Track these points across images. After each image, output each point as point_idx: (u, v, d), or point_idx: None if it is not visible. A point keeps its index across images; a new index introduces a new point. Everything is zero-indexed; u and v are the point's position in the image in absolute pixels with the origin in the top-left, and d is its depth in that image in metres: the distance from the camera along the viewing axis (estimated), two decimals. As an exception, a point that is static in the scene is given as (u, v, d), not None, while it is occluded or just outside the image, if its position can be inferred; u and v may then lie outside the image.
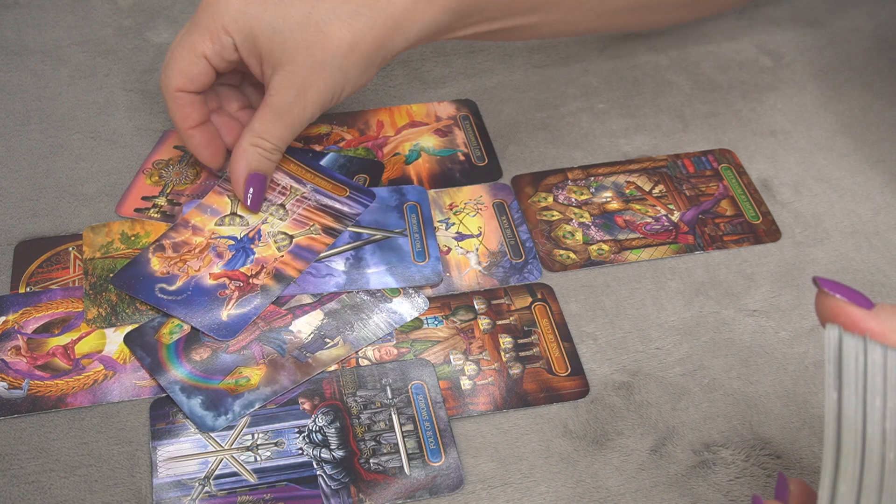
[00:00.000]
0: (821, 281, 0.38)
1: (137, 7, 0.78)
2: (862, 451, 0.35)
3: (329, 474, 0.50)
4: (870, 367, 0.36)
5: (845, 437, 0.36)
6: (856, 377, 0.36)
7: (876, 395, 0.36)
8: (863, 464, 0.35)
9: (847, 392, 0.36)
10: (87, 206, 0.63)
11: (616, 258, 0.60)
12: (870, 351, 0.36)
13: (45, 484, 0.50)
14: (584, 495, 0.50)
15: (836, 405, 0.36)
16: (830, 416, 0.36)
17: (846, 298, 0.38)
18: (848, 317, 0.37)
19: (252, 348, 0.55)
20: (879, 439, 0.35)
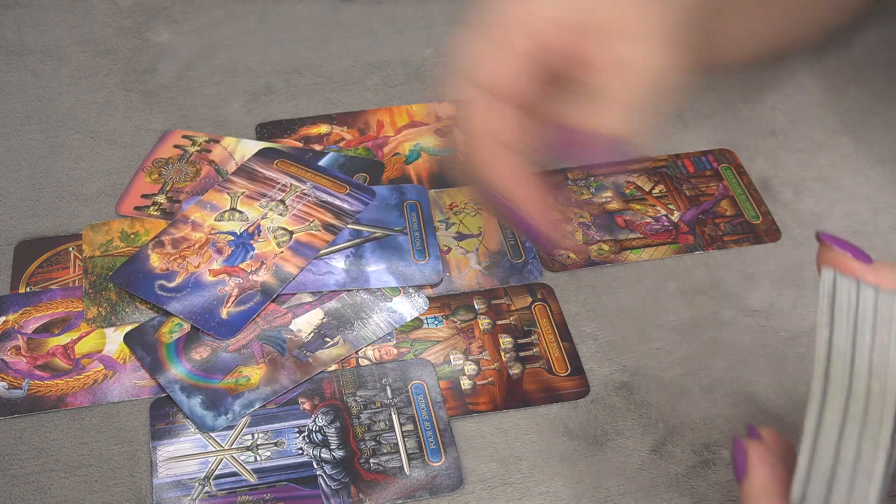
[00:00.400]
0: (824, 236, 0.40)
1: (137, 7, 0.78)
2: (849, 381, 0.37)
3: (329, 474, 0.50)
4: (861, 304, 0.38)
5: (834, 369, 0.37)
6: (847, 314, 0.38)
7: (865, 331, 0.38)
8: (849, 394, 0.37)
9: (838, 328, 0.38)
10: (87, 206, 0.63)
11: (616, 258, 0.60)
12: (862, 290, 0.38)
13: (45, 484, 0.50)
14: (584, 495, 0.50)
15: (826, 341, 0.38)
16: (821, 350, 0.37)
17: (848, 252, 0.39)
18: (847, 268, 0.39)
19: (252, 347, 0.55)
20: (866, 371, 0.37)
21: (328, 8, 0.78)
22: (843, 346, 0.37)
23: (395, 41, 0.75)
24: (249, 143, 0.66)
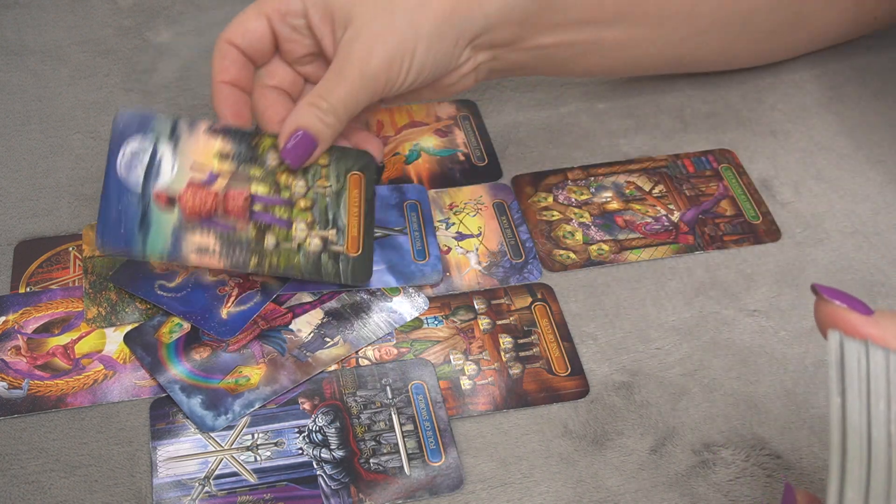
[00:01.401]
0: (820, 288, 0.38)
1: (137, 7, 0.78)
2: (868, 455, 0.35)
3: (329, 474, 0.50)
4: (872, 370, 0.36)
5: (850, 442, 0.35)
6: (858, 381, 0.36)
7: (879, 399, 0.36)
8: (869, 468, 0.35)
9: (850, 396, 0.36)
10: (87, 206, 0.63)
11: (616, 258, 0.60)
12: (871, 355, 0.36)
13: (45, 484, 0.50)
14: (584, 495, 0.50)
15: (839, 410, 0.36)
16: (835, 421, 0.36)
17: (845, 305, 0.38)
18: (847, 323, 0.37)
19: (252, 347, 0.55)
20: (885, 443, 0.35)
21: (328, 8, 0.78)
22: (857, 417, 0.36)
23: (395, 41, 0.75)
24: (249, 143, 0.66)
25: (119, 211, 0.54)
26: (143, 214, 0.54)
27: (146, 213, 0.54)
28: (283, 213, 0.56)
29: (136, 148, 0.54)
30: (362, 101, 0.55)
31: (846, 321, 0.38)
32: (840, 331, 0.37)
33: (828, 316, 0.38)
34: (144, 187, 0.55)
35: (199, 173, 0.55)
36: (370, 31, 0.54)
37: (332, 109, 0.55)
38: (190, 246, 0.54)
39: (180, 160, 0.55)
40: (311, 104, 0.55)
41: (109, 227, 0.54)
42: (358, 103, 0.55)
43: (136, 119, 0.56)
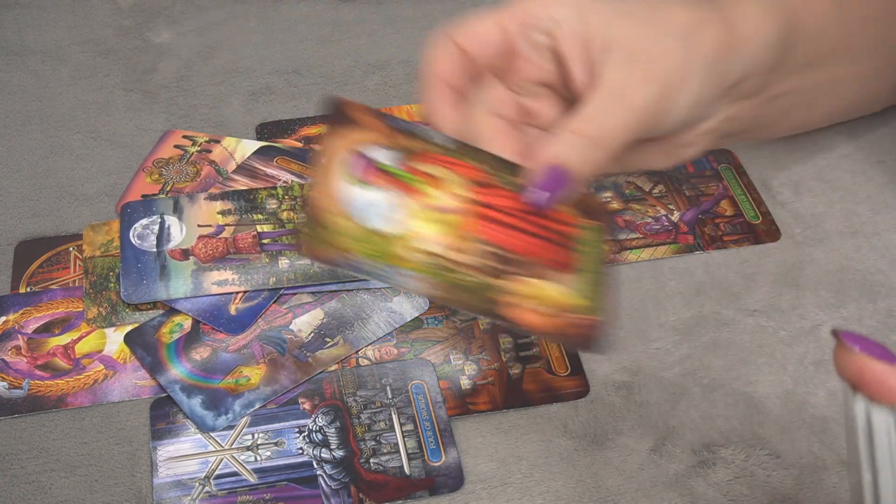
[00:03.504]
0: (843, 335, 0.36)
1: (137, 7, 0.78)
2: None
3: (329, 474, 0.50)
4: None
5: None
6: (890, 458, 0.35)
7: None
8: None
9: (883, 475, 0.35)
10: (87, 206, 0.63)
11: (616, 258, 0.60)
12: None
13: (45, 484, 0.50)
14: (584, 495, 0.50)
15: (871, 487, 0.35)
16: (868, 497, 0.35)
17: (869, 353, 0.36)
18: (872, 374, 0.35)
19: (252, 347, 0.55)
20: None
21: (328, 8, 0.78)
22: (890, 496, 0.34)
23: (395, 41, 0.75)
24: (250, 143, 0.66)
25: (139, 268, 0.57)
26: (161, 268, 0.57)
27: (164, 266, 0.57)
28: (292, 240, 0.58)
29: (145, 223, 0.58)
30: (633, 134, 0.46)
31: (871, 373, 0.35)
32: (866, 388, 0.35)
33: (851, 367, 0.36)
34: (159, 249, 0.58)
35: (207, 229, 0.59)
36: (646, 54, 0.47)
37: (599, 140, 0.45)
38: (210, 280, 0.57)
39: (187, 225, 0.59)
40: (573, 130, 0.45)
41: (132, 282, 0.57)
42: (629, 136, 0.46)
43: (140, 205, 0.60)
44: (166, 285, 0.56)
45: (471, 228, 0.45)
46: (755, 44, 0.51)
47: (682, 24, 0.48)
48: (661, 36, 0.47)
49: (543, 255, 0.46)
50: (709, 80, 0.49)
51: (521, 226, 0.46)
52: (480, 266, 0.45)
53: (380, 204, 0.44)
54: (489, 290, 0.45)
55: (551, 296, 0.45)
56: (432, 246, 0.45)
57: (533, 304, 0.45)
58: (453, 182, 0.46)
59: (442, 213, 0.45)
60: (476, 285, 0.45)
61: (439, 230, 0.45)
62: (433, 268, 0.44)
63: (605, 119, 0.46)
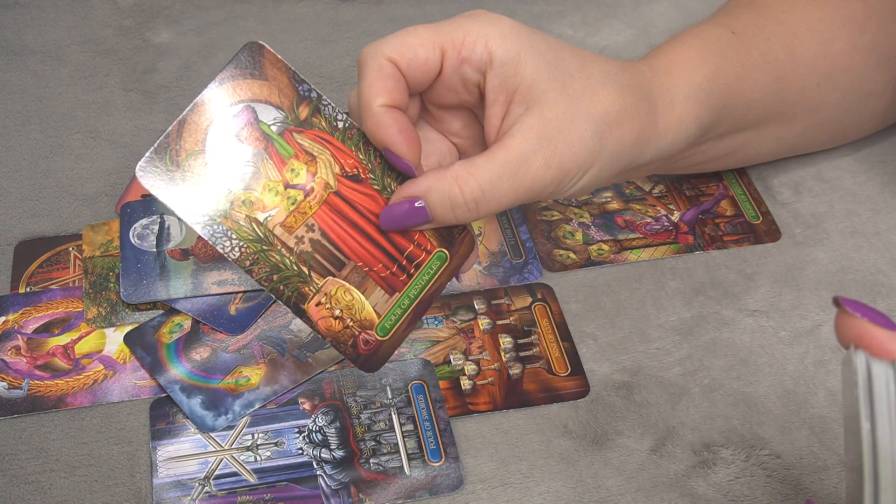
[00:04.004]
0: (843, 301, 0.37)
1: (137, 7, 0.78)
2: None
3: (329, 474, 0.50)
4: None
5: (882, 470, 0.35)
6: (888, 406, 0.35)
7: None
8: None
9: (881, 422, 0.35)
10: (87, 206, 0.63)
11: (616, 258, 0.60)
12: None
13: (45, 484, 0.50)
14: (584, 495, 0.50)
15: (870, 436, 0.35)
16: (866, 448, 0.35)
17: (869, 319, 0.37)
18: (872, 338, 0.36)
19: (252, 347, 0.55)
20: None
21: (328, 8, 0.78)
22: (887, 443, 0.35)
23: (395, 41, 0.75)
24: (249, 143, 0.66)
25: (139, 268, 0.57)
26: (161, 267, 0.57)
27: (164, 266, 0.57)
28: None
29: (145, 223, 0.58)
30: (513, 204, 0.47)
31: (871, 337, 0.36)
32: (865, 350, 0.36)
33: (851, 331, 0.37)
34: (158, 249, 0.58)
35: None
36: (558, 134, 0.47)
37: (477, 200, 0.46)
38: (210, 280, 0.56)
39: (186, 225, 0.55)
40: (458, 179, 0.46)
41: (132, 282, 0.57)
42: (507, 205, 0.47)
43: (140, 205, 0.60)
44: (166, 285, 0.56)
45: (314, 214, 0.45)
46: (672, 136, 0.52)
47: (604, 112, 0.48)
48: (580, 121, 0.47)
49: (375, 269, 0.46)
50: (609, 169, 0.49)
51: (366, 229, 0.47)
52: (306, 257, 0.45)
53: (242, 161, 0.45)
54: (302, 282, 0.45)
55: (364, 311, 0.46)
56: (263, 216, 0.45)
57: (343, 313, 0.45)
58: (323, 163, 0.46)
59: (293, 189, 0.45)
60: (291, 272, 0.45)
61: (280, 203, 0.45)
62: (253, 238, 0.44)
63: (493, 184, 0.46)
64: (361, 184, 0.47)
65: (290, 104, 0.46)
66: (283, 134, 0.46)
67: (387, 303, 0.47)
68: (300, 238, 0.45)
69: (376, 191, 0.47)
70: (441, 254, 0.48)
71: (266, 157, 0.45)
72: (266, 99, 0.46)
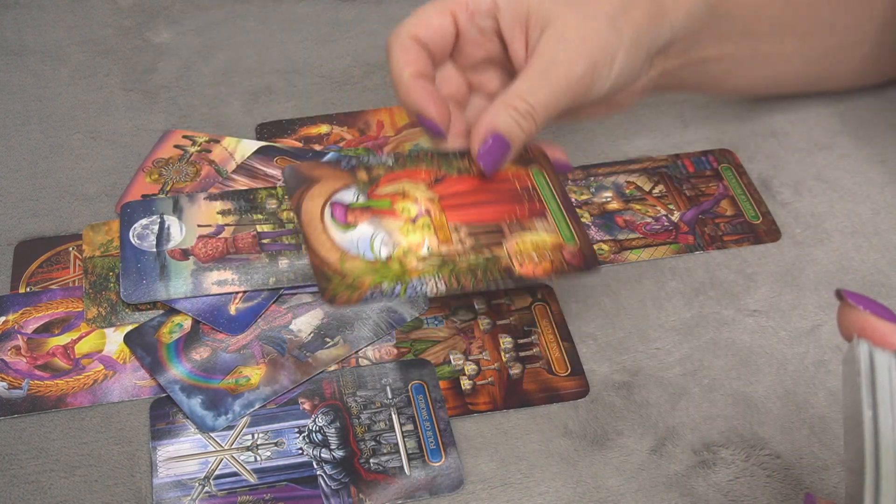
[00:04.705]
0: (846, 293, 0.37)
1: (137, 7, 0.78)
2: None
3: (329, 474, 0.50)
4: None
5: (884, 458, 0.35)
6: (890, 395, 0.35)
7: None
8: None
9: (882, 410, 0.35)
10: (87, 206, 0.63)
11: (616, 258, 0.60)
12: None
13: (45, 484, 0.50)
14: (584, 495, 0.50)
15: (871, 424, 0.35)
16: (868, 436, 0.35)
17: (872, 311, 0.37)
18: (875, 331, 0.36)
19: (252, 348, 0.55)
20: None
21: (328, 8, 0.78)
22: (889, 432, 0.35)
23: (395, 41, 0.75)
24: (250, 143, 0.66)
25: (139, 268, 0.57)
26: (161, 267, 0.57)
27: (164, 266, 0.57)
28: (291, 240, 0.58)
29: (145, 222, 0.58)
30: (562, 105, 0.52)
31: (874, 330, 0.36)
32: (868, 340, 0.36)
33: (854, 322, 0.37)
34: (158, 249, 0.58)
35: (207, 228, 0.59)
36: (576, 34, 0.52)
37: (531, 112, 0.52)
38: (210, 280, 0.56)
39: (187, 225, 0.59)
40: (508, 104, 0.52)
41: (132, 282, 0.56)
42: (557, 108, 0.52)
43: (140, 205, 0.60)
44: (166, 285, 0.56)
45: (448, 220, 0.53)
46: (679, 12, 0.56)
47: (610, 5, 0.53)
48: (592, 18, 0.53)
49: (518, 215, 0.53)
50: (635, 54, 0.54)
51: (484, 199, 0.54)
52: (473, 246, 0.52)
53: (369, 235, 0.52)
54: (494, 262, 0.51)
55: (544, 240, 0.52)
56: (424, 250, 0.51)
57: (535, 254, 0.51)
58: (413, 189, 0.54)
59: (418, 219, 0.53)
60: (480, 263, 0.51)
61: (423, 234, 0.52)
62: (436, 267, 0.51)
63: (536, 93, 0.52)
64: (445, 181, 0.54)
65: (350, 178, 0.55)
66: (369, 197, 0.54)
67: (549, 225, 0.53)
68: (458, 241, 0.52)
69: (458, 175, 0.54)
70: (534, 170, 0.55)
71: (377, 219, 0.53)
72: (334, 189, 0.54)
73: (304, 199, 0.53)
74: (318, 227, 0.52)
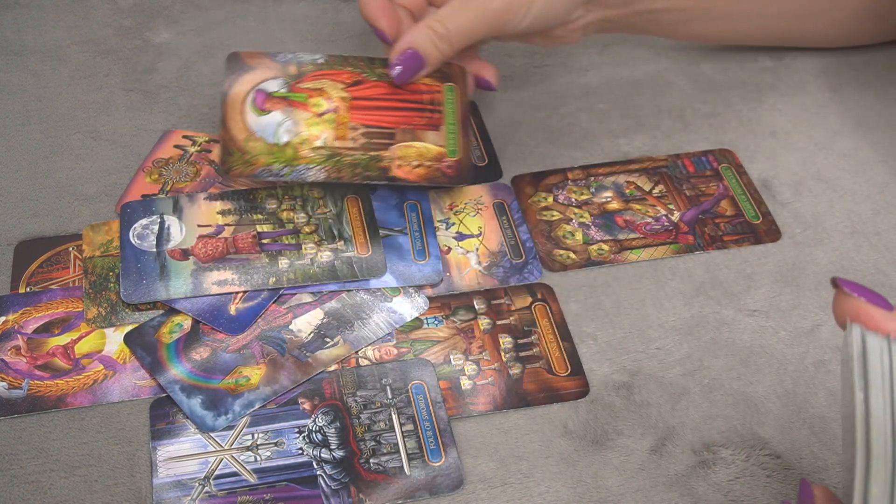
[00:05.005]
0: (841, 281, 0.38)
1: (137, 7, 0.78)
2: (893, 451, 0.35)
3: (329, 474, 0.50)
4: (894, 365, 0.36)
5: (874, 438, 0.35)
6: (882, 376, 0.36)
7: None
8: (894, 464, 0.35)
9: (874, 392, 0.36)
10: (87, 206, 0.63)
11: (616, 258, 0.60)
12: (894, 350, 0.36)
13: (45, 484, 0.50)
14: (584, 495, 0.50)
15: (863, 405, 0.36)
16: (859, 417, 0.35)
17: (867, 299, 0.38)
18: (869, 317, 0.37)
19: (252, 348, 0.55)
20: None
21: (328, 8, 0.78)
22: (881, 413, 0.35)
23: (395, 41, 0.75)
24: (249, 143, 0.66)
25: (139, 268, 0.57)
26: (161, 267, 0.57)
27: (164, 266, 0.57)
28: (291, 240, 0.58)
29: (145, 223, 0.58)
30: (478, 34, 0.59)
31: (868, 316, 0.37)
32: (861, 325, 0.37)
33: (848, 309, 0.38)
34: (158, 249, 0.58)
35: (207, 228, 0.59)
36: None
37: (447, 36, 0.58)
38: (210, 280, 0.56)
39: (187, 224, 0.59)
40: (428, 26, 0.58)
41: (132, 282, 0.56)
42: (473, 36, 0.58)
43: (140, 205, 0.60)
44: (166, 285, 0.56)
45: (350, 119, 0.59)
46: None
47: None
48: None
49: (416, 122, 0.60)
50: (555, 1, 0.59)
51: (392, 105, 0.60)
52: (365, 145, 0.59)
53: (277, 122, 0.59)
54: (378, 161, 0.58)
55: (430, 150, 0.59)
56: (320, 142, 0.59)
57: (417, 161, 0.58)
58: (331, 88, 0.61)
59: (325, 114, 0.59)
60: (365, 160, 0.58)
61: (325, 128, 0.59)
62: (326, 158, 0.58)
63: (455, 20, 0.58)
64: (363, 84, 0.61)
65: (282, 70, 0.62)
66: (290, 89, 0.61)
67: (440, 136, 0.59)
68: (353, 138, 0.59)
69: (376, 81, 0.62)
70: (448, 86, 0.62)
71: (291, 109, 0.60)
72: (263, 79, 0.61)
73: (235, 83, 0.60)
74: (237, 108, 0.59)
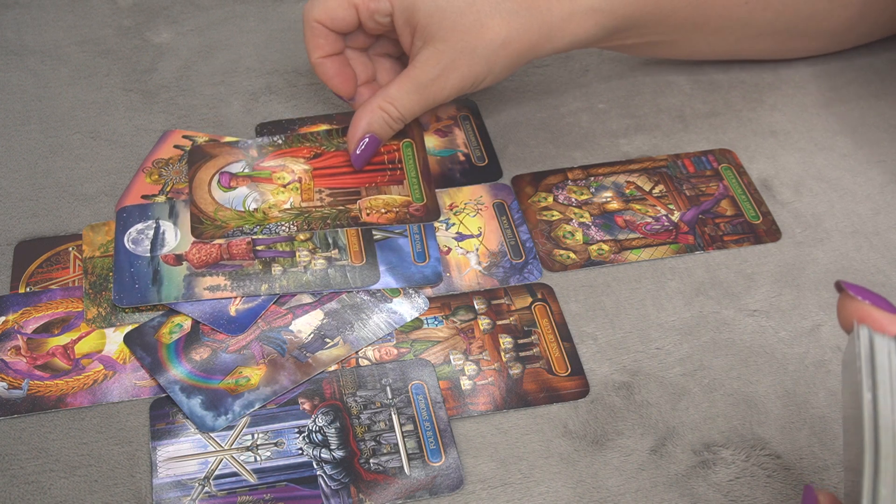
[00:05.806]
0: (846, 285, 0.38)
1: (137, 7, 0.78)
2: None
3: (329, 474, 0.50)
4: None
5: (883, 439, 0.35)
6: (890, 377, 0.36)
7: None
8: None
9: (882, 392, 0.36)
10: (87, 206, 0.63)
11: (616, 258, 0.60)
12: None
13: (45, 484, 0.50)
14: (584, 495, 0.50)
15: (871, 405, 0.36)
16: (867, 417, 0.36)
17: (871, 302, 0.38)
18: (874, 320, 0.37)
19: (252, 348, 0.55)
20: None
21: (328, 8, 0.78)
22: (889, 412, 0.35)
23: (395, 41, 0.75)
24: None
25: (132, 273, 0.57)
26: (154, 272, 0.57)
27: (157, 271, 0.57)
28: (286, 247, 0.58)
29: (140, 227, 0.59)
30: (424, 111, 0.62)
31: (873, 318, 0.37)
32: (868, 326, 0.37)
33: (854, 312, 0.38)
34: (152, 254, 0.58)
35: None
36: (451, 64, 0.59)
37: (401, 118, 0.61)
38: (202, 286, 0.56)
39: (182, 230, 0.59)
40: (382, 108, 0.61)
41: (125, 287, 0.57)
42: (421, 113, 0.61)
43: (136, 209, 0.60)
44: (158, 290, 0.56)
45: (315, 184, 0.62)
46: (568, 40, 0.60)
47: (490, 41, 0.59)
48: (468, 53, 0.59)
49: (378, 181, 0.62)
50: (506, 73, 0.61)
51: (350, 170, 0.63)
52: (332, 203, 0.61)
53: (244, 195, 0.61)
54: (347, 213, 0.60)
55: (396, 200, 0.61)
56: (288, 205, 0.61)
57: (385, 208, 0.60)
58: (293, 164, 0.63)
59: (290, 184, 0.62)
60: (334, 213, 0.60)
61: (291, 195, 0.61)
62: (295, 216, 0.60)
63: (406, 104, 0.60)
64: (323, 156, 0.64)
65: (243, 154, 0.64)
66: (254, 168, 0.63)
67: (404, 188, 0.62)
68: (321, 199, 0.61)
69: (335, 151, 0.64)
70: (406, 142, 0.65)
71: (255, 184, 0.62)
72: (227, 163, 0.63)
73: (201, 169, 0.63)
74: (204, 188, 0.61)
